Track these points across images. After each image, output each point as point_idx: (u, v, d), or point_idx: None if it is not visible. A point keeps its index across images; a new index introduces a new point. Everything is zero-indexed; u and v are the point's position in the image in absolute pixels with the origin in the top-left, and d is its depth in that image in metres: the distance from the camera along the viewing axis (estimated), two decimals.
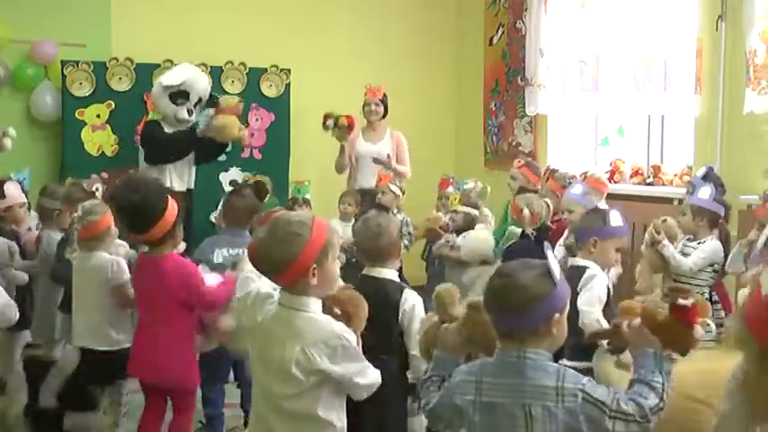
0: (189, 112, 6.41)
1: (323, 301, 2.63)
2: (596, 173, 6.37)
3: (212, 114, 6.55)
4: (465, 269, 5.46)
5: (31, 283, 5.00)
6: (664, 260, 4.62)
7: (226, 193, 5.00)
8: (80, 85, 6.99)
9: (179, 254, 3.82)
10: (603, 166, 7.28)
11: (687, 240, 4.80)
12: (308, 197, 6.11)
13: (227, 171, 7.25)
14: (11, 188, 5.14)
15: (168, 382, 3.74)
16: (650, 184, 6.89)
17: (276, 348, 2.55)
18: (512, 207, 5.40)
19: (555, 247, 4.95)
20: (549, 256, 2.20)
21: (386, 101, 7.00)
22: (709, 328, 2.36)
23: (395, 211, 6.11)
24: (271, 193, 5.97)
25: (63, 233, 4.76)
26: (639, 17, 6.65)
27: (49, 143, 7.11)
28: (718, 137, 6.10)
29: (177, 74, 6.46)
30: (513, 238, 5.51)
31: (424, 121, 8.24)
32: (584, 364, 3.11)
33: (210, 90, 6.75)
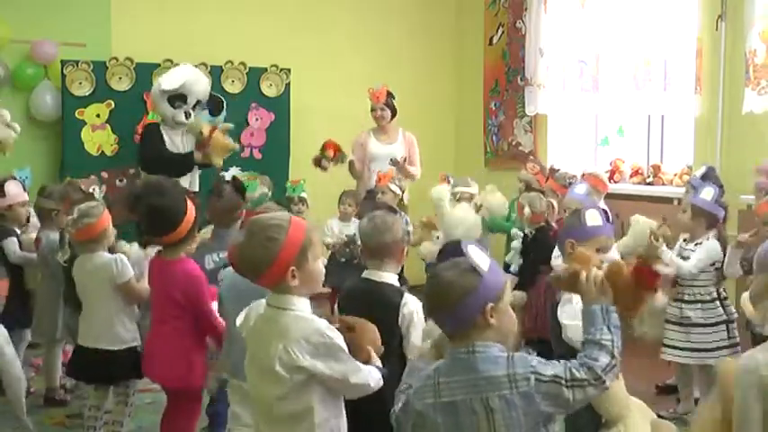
0: (187, 115, 6.40)
1: (329, 320, 2.62)
2: (596, 171, 6.39)
3: (205, 139, 6.48)
4: None
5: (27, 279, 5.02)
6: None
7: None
8: (80, 84, 6.99)
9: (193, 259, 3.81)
10: (603, 165, 7.28)
11: (684, 242, 4.81)
12: (303, 195, 6.09)
13: (227, 171, 7.24)
14: (12, 187, 5.14)
15: (174, 382, 3.73)
16: (650, 183, 6.90)
17: (263, 348, 2.54)
18: (517, 206, 5.39)
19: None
20: (469, 251, 2.23)
21: (391, 102, 6.98)
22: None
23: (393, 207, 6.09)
24: (271, 189, 5.99)
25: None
26: (639, 17, 6.66)
27: (49, 143, 7.10)
28: (718, 137, 6.10)
29: (175, 77, 6.44)
30: (517, 239, 5.53)
31: (424, 120, 8.23)
32: None
33: (211, 91, 6.75)
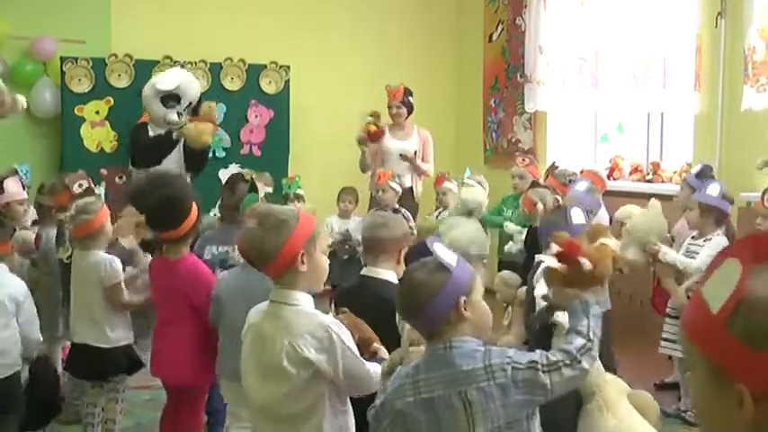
0: (179, 116, 6.44)
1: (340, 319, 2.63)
2: (594, 169, 6.38)
3: (188, 121, 6.52)
4: None
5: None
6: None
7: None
8: (79, 81, 6.99)
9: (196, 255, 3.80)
10: (603, 162, 7.28)
11: (692, 239, 4.79)
12: (299, 192, 6.09)
13: (226, 168, 7.25)
14: (10, 184, 5.13)
15: (181, 380, 3.71)
16: (650, 181, 6.88)
17: (268, 346, 2.53)
18: (523, 201, 5.36)
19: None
20: (436, 248, 2.24)
21: (407, 100, 7.04)
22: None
23: (396, 206, 6.07)
24: (272, 186, 5.98)
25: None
26: (639, 14, 6.65)
27: (49, 139, 7.11)
28: (717, 134, 6.10)
29: (172, 78, 6.51)
30: (516, 233, 5.52)
31: (424, 118, 8.21)
32: None
33: (200, 96, 6.85)
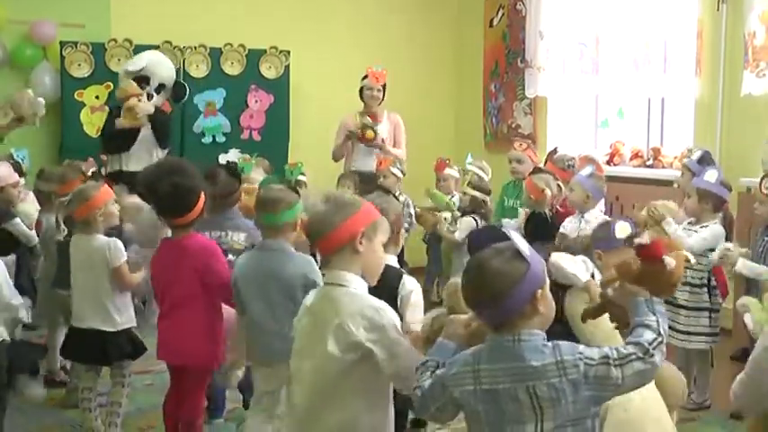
0: (149, 97, 6.42)
1: None
2: (591, 154, 6.37)
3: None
4: (466, 251, 5.44)
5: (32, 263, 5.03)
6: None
7: None
8: (79, 66, 6.98)
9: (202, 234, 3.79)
10: (603, 148, 7.28)
11: (689, 224, 4.75)
12: (301, 178, 6.09)
13: (226, 152, 7.25)
14: (2, 168, 5.14)
15: (190, 360, 3.67)
16: (650, 166, 6.89)
17: (318, 327, 2.52)
18: (528, 187, 5.34)
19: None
20: (514, 236, 2.19)
21: (384, 86, 6.96)
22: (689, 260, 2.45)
23: (397, 194, 6.09)
24: (270, 172, 5.98)
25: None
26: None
27: (48, 124, 7.09)
28: (718, 119, 6.09)
29: (139, 59, 6.51)
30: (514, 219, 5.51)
31: (424, 103, 8.22)
32: None
33: (176, 77, 6.83)
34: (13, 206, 5.19)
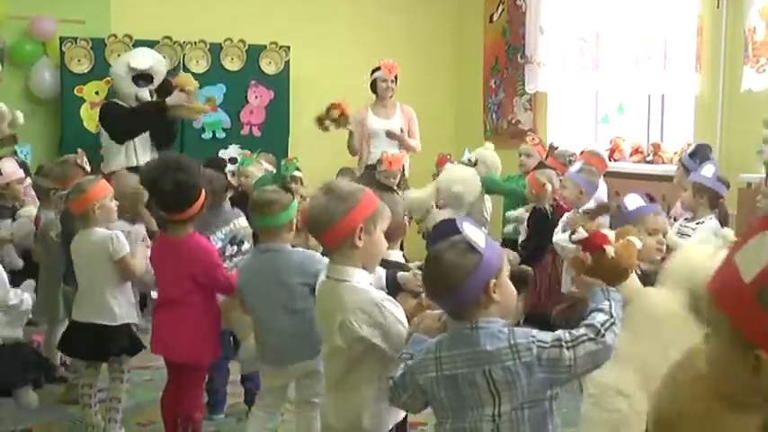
0: (151, 94, 6.44)
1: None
2: (595, 149, 6.36)
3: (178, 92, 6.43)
4: None
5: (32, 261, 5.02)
6: None
7: None
8: (79, 61, 6.98)
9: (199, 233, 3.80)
10: (603, 144, 7.27)
11: (685, 220, 4.72)
12: (296, 174, 6.07)
13: (226, 148, 7.26)
14: (7, 165, 5.14)
15: (187, 357, 3.70)
16: (650, 162, 6.88)
17: (324, 323, 2.60)
18: (530, 182, 5.35)
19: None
20: (466, 228, 2.23)
21: (396, 76, 6.97)
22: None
23: (398, 190, 6.07)
24: (275, 167, 5.99)
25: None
26: None
27: (48, 120, 7.10)
28: (718, 115, 6.09)
29: (146, 57, 6.50)
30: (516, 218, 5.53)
31: (424, 98, 8.21)
32: None
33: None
34: (19, 202, 5.18)
